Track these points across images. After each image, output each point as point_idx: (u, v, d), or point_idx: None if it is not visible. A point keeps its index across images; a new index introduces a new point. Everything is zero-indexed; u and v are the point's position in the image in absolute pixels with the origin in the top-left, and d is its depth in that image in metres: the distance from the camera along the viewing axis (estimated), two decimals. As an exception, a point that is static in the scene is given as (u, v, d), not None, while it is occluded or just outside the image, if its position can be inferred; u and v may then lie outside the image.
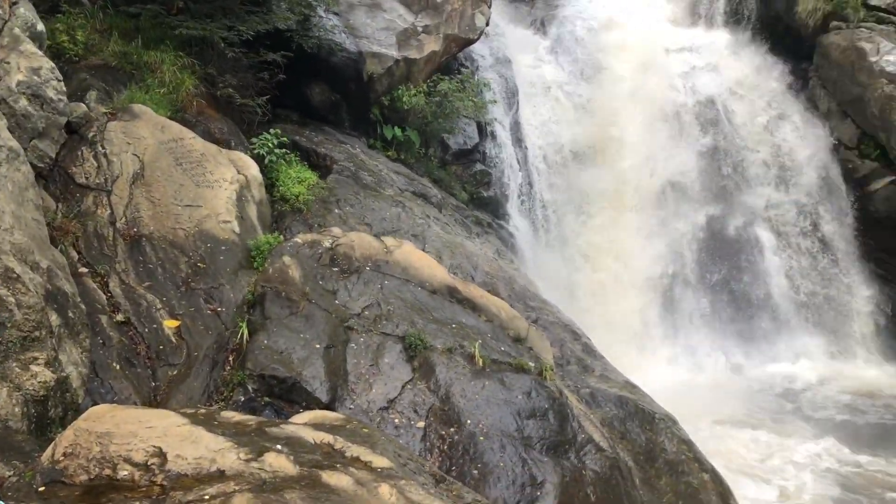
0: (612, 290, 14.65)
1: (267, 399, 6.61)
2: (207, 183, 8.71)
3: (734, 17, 17.50)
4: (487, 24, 14.66)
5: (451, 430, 6.80)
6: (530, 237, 14.75)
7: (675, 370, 13.98)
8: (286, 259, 7.52)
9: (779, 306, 15.07)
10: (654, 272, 14.88)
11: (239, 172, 9.16)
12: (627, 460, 7.75)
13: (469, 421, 6.88)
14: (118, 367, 7.03)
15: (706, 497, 8.16)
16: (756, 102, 16.26)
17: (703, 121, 15.88)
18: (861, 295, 15.51)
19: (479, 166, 14.53)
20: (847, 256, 15.56)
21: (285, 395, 6.68)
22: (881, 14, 15.66)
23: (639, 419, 8.55)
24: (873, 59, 14.97)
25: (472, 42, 14.39)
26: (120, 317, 7.40)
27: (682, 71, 16.25)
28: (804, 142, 16.10)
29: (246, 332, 7.07)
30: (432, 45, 13.46)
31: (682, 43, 16.90)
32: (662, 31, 17.22)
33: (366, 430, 5.09)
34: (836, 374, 14.12)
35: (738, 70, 16.57)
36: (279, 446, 4.36)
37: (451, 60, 14.64)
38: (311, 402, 6.62)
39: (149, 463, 4.10)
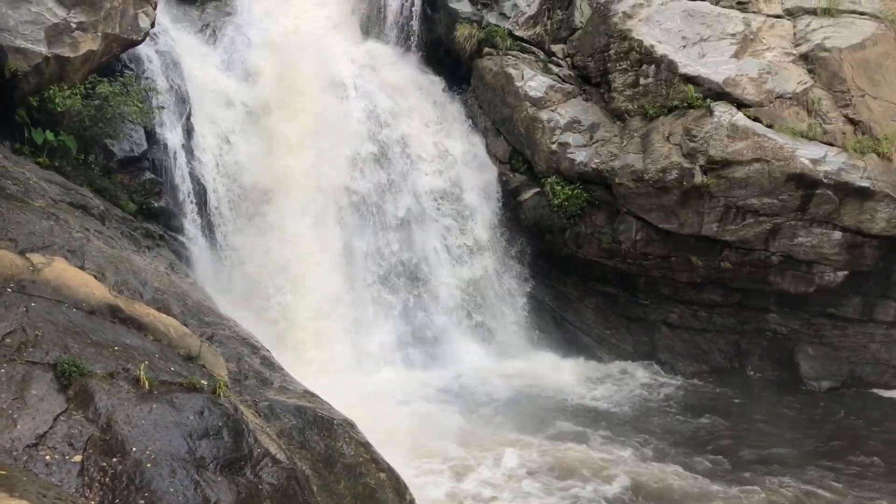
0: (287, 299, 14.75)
1: None
2: None
3: (402, 37, 18.58)
4: (153, 26, 13.85)
5: (114, 460, 6.30)
6: (206, 249, 14.26)
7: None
8: None
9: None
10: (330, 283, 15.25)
11: None
12: (305, 469, 7.80)
13: (135, 448, 6.43)
14: None
15: (383, 495, 8.50)
16: (418, 118, 17.40)
17: (372, 132, 16.62)
18: (517, 294, 17.35)
19: (148, 175, 13.70)
20: (502, 260, 17.29)
21: None
22: (524, 44, 17.68)
23: (318, 427, 8.64)
24: (519, 84, 16.85)
25: (135, 43, 13.50)
26: None
27: (352, 79, 16.84)
28: (470, 159, 17.57)
29: None
30: (89, 43, 12.36)
31: (352, 56, 17.52)
32: (334, 42, 17.72)
33: (3, 473, 4.53)
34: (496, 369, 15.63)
35: (405, 84, 17.60)
36: None
37: (114, 61, 13.60)
38: (-62, 449, 5.72)
39: None
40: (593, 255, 16.66)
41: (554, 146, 16.28)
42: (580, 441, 12.18)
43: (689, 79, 15.08)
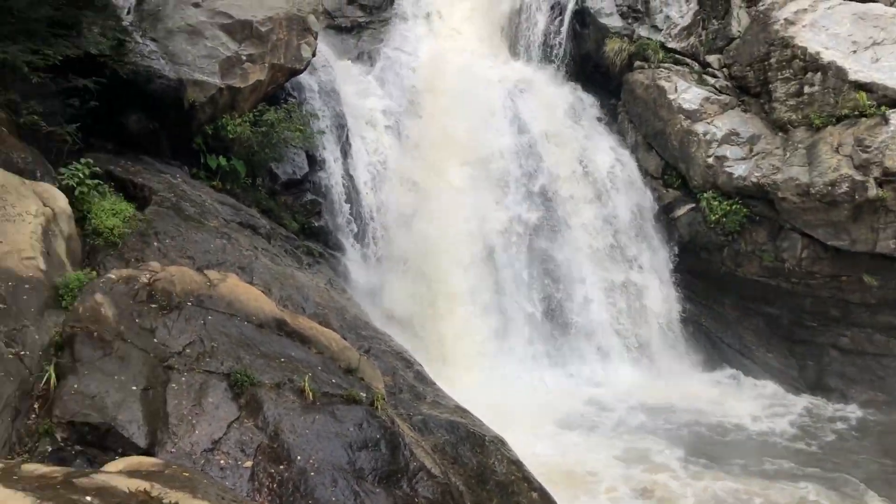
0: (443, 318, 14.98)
1: (78, 448, 6.16)
2: (8, 217, 8.04)
3: (549, 56, 18.56)
4: (314, 55, 14.64)
5: (281, 467, 6.64)
6: (363, 266, 14.78)
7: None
8: (98, 297, 7.08)
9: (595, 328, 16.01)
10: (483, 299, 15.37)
11: (45, 205, 8.53)
12: (459, 485, 7.87)
13: (299, 457, 6.74)
14: None
15: (535, 514, 8.45)
16: (572, 134, 17.27)
17: (522, 157, 16.65)
18: (671, 314, 16.76)
19: (309, 196, 14.41)
20: (654, 279, 16.77)
21: (99, 443, 6.25)
22: (678, 56, 17.18)
23: (470, 443, 8.71)
24: (672, 96, 16.37)
25: (298, 72, 14.31)
26: None
27: (502, 105, 16.99)
28: (620, 174, 17.25)
29: (53, 376, 6.59)
30: (257, 74, 13.24)
31: (501, 79, 17.69)
32: (482, 65, 17.96)
33: (186, 475, 4.87)
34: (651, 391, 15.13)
35: (555, 105, 17.54)
36: (88, 498, 4.08)
37: (278, 90, 14.46)
38: (129, 448, 6.24)
39: (-67, 529, 3.70)
40: (754, 273, 15.83)
41: (710, 160, 15.67)
42: (774, 479, 11.35)
43: (860, 86, 14.08)
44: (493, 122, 16.74)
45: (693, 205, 16.29)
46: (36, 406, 6.51)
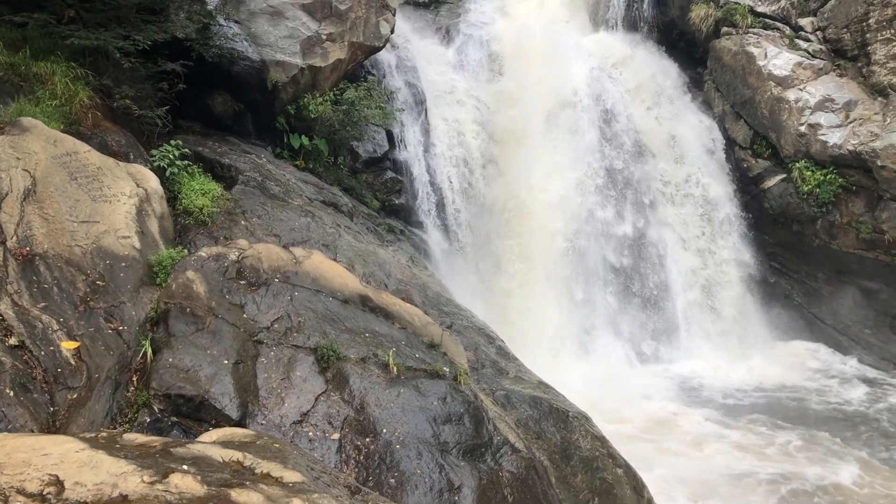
0: (519, 293, 14.88)
1: (174, 419, 6.40)
2: (105, 198, 8.36)
3: (632, 24, 18.07)
4: (392, 32, 14.65)
5: (367, 440, 6.74)
6: (443, 243, 14.81)
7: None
8: (190, 274, 7.31)
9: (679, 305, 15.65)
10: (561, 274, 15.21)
11: (138, 186, 8.84)
12: (543, 460, 7.84)
13: (385, 430, 6.83)
14: (12, 393, 6.64)
15: (620, 491, 8.34)
16: (656, 105, 16.80)
17: (605, 129, 16.30)
18: (760, 289, 16.24)
19: (389, 174, 14.51)
20: (742, 252, 16.25)
21: (193, 414, 6.48)
22: (767, 20, 16.46)
23: (553, 418, 8.66)
24: (761, 63, 15.72)
25: (377, 50, 14.35)
26: (13, 340, 7.00)
27: (586, 74, 16.65)
28: (701, 142, 16.73)
29: (150, 350, 6.83)
30: (337, 52, 13.35)
31: (583, 47, 17.32)
32: (565, 36, 17.61)
33: (277, 446, 4.98)
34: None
35: (638, 73, 17.09)
36: (185, 466, 4.22)
37: (358, 68, 14.56)
38: (221, 420, 6.45)
39: (45, 492, 3.89)
40: (850, 246, 15.15)
41: (803, 128, 15.01)
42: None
43: (968, 44, 13.23)
44: (576, 96, 16.41)
45: (784, 175, 15.69)
46: (134, 379, 6.78)
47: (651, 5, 18.00)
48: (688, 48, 17.66)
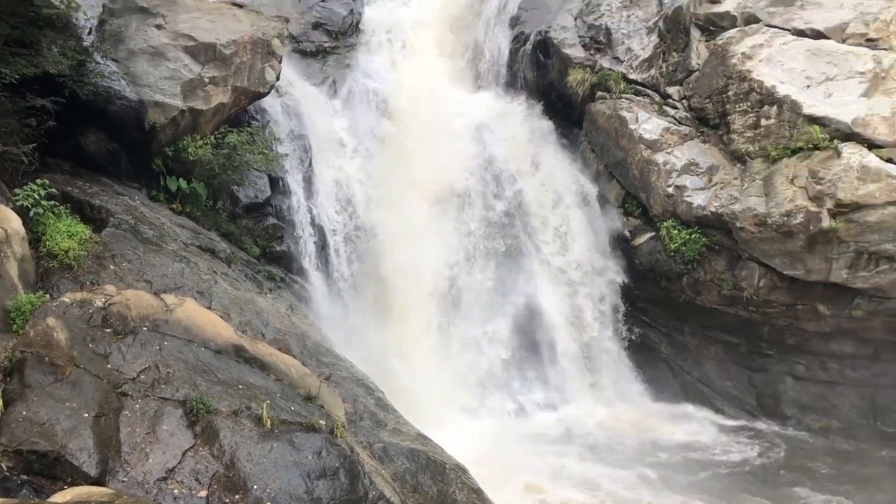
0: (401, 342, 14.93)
1: (24, 477, 5.95)
2: (-42, 238, 7.83)
3: (512, 85, 18.77)
4: (278, 79, 14.60)
5: (237, 496, 6.49)
6: (325, 291, 14.66)
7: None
8: (51, 321, 6.91)
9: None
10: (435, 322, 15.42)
11: (-2, 226, 8.33)
12: (419, 514, 7.78)
13: (256, 486, 6.61)
14: None
15: (496, 544, 8.39)
16: (533, 165, 17.45)
17: (487, 185, 16.80)
18: (630, 342, 16.95)
19: (271, 220, 14.30)
20: (613, 307, 16.96)
21: (47, 472, 6.06)
22: (639, 87, 17.46)
23: (430, 471, 8.63)
24: (633, 126, 16.62)
25: (262, 95, 14.25)
26: None
27: (469, 130, 17.12)
28: (581, 203, 17.47)
29: (1, 403, 6.37)
30: (220, 96, 13.15)
31: (467, 104, 17.83)
32: (450, 92, 18.08)
33: (137, 505, 4.72)
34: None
35: (518, 132, 17.72)
36: (33, 531, 3.93)
37: (242, 113, 14.38)
38: (79, 478, 6.07)
39: None
40: (713, 302, 16.03)
41: (670, 189, 15.90)
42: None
43: (814, 119, 14.41)
44: (457, 152, 16.80)
45: (653, 233, 16.48)
46: (-18, 434, 6.29)
47: (531, 68, 18.77)
48: (566, 110, 18.44)
